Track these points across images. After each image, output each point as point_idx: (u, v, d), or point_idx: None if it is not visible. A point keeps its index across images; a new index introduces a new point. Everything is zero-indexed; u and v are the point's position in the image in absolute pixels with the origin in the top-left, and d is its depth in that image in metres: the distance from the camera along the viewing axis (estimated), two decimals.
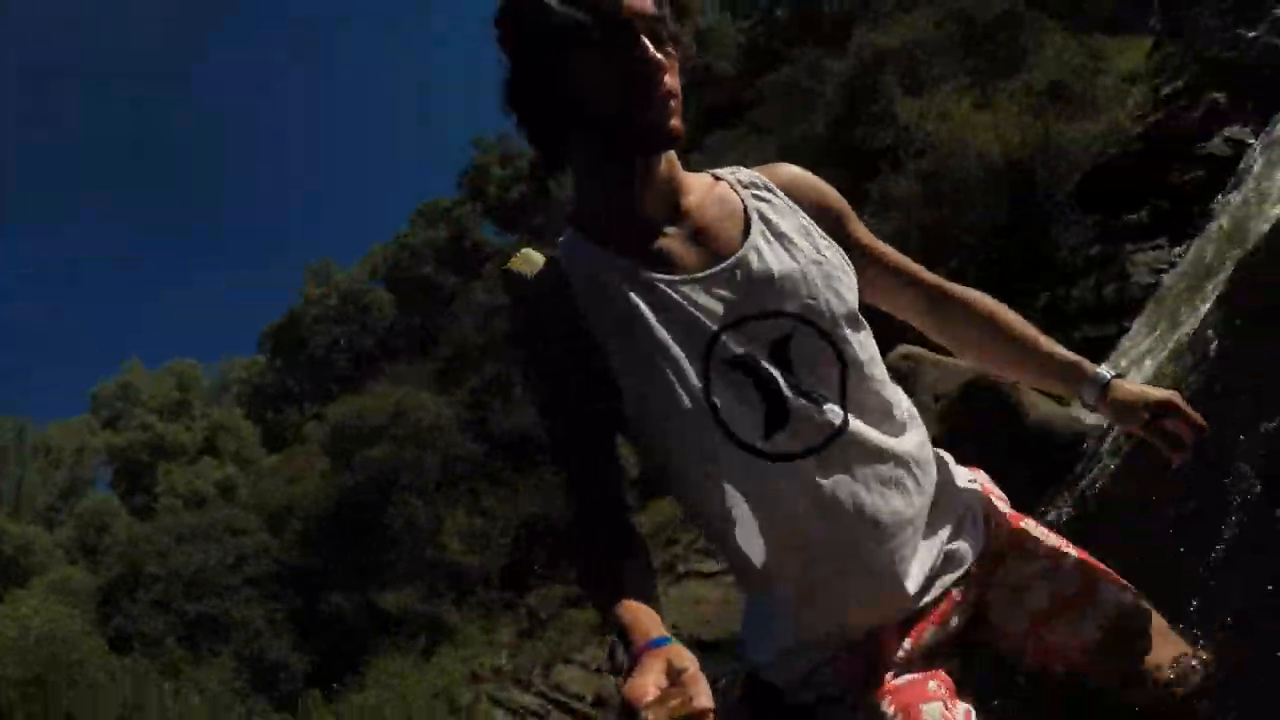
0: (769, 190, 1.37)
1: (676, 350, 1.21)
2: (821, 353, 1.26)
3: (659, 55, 1.18)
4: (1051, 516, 3.49)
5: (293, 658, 14.49)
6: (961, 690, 1.30)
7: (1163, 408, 1.33)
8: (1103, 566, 1.41)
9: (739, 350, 1.21)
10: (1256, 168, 8.04)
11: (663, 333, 1.21)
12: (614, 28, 1.16)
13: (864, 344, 1.31)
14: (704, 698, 0.84)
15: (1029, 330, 1.48)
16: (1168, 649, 1.36)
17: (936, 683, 1.28)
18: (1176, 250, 9.23)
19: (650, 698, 0.84)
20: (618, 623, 0.99)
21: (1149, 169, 9.74)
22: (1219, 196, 8.93)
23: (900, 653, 1.28)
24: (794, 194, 1.39)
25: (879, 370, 1.32)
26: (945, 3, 14.03)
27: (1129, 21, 11.24)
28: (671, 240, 1.26)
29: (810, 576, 1.25)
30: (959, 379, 4.49)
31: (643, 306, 1.21)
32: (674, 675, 0.86)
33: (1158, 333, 7.67)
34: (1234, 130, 9.40)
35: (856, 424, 1.24)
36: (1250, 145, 8.69)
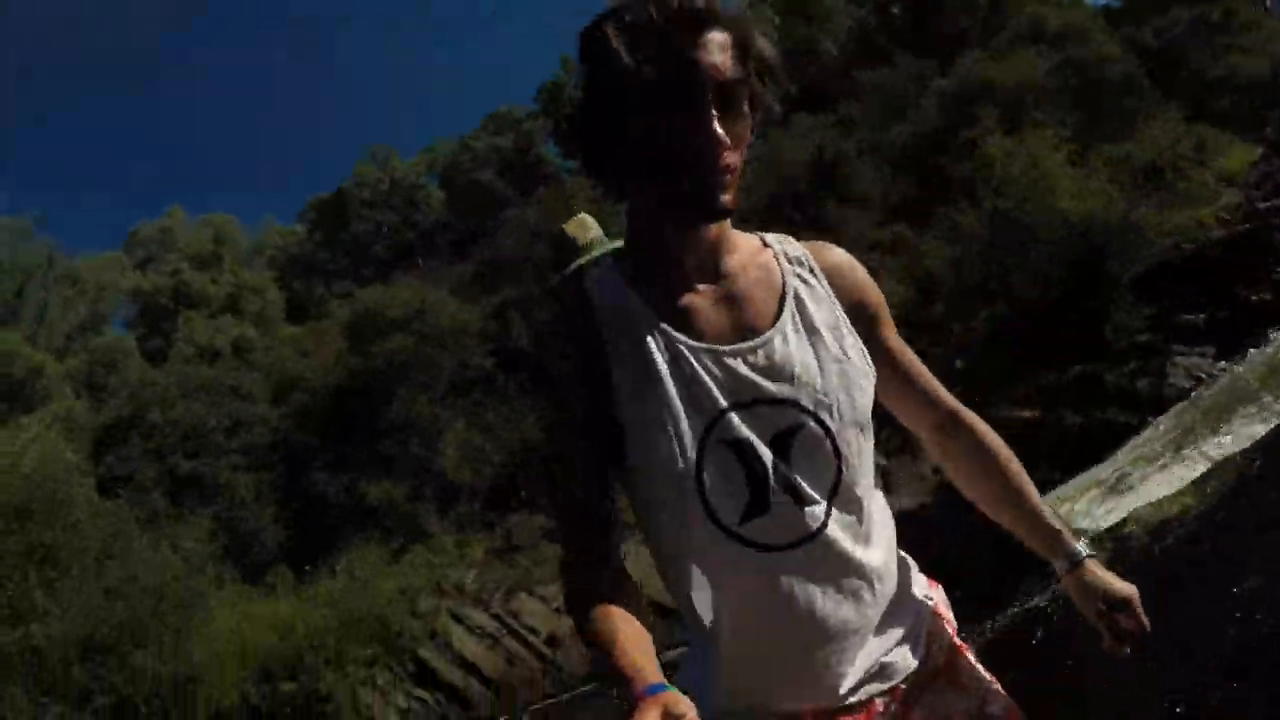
0: (813, 274, 1.35)
1: (682, 416, 1.21)
2: (822, 452, 1.25)
3: (724, 129, 1.14)
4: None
5: (270, 531, 14.62)
6: None
7: (1120, 604, 1.37)
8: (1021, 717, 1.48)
9: (739, 434, 1.22)
10: None
11: (674, 396, 1.21)
12: (682, 93, 1.13)
13: (864, 450, 1.31)
14: None
15: (1024, 482, 1.49)
16: None
17: None
18: (1221, 365, 9.29)
19: None
20: (616, 668, 1.01)
21: (1221, 275, 9.72)
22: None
23: None
24: (836, 282, 1.37)
25: (868, 477, 1.33)
26: (1065, 49, 13.80)
27: (1242, 121, 11.07)
28: (704, 300, 1.25)
29: (747, 654, 1.27)
30: None
31: (661, 365, 1.21)
32: None
33: (1170, 437, 7.75)
34: None
35: (832, 530, 1.25)
36: None
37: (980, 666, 1.49)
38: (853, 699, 1.31)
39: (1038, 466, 8.35)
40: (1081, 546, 1.44)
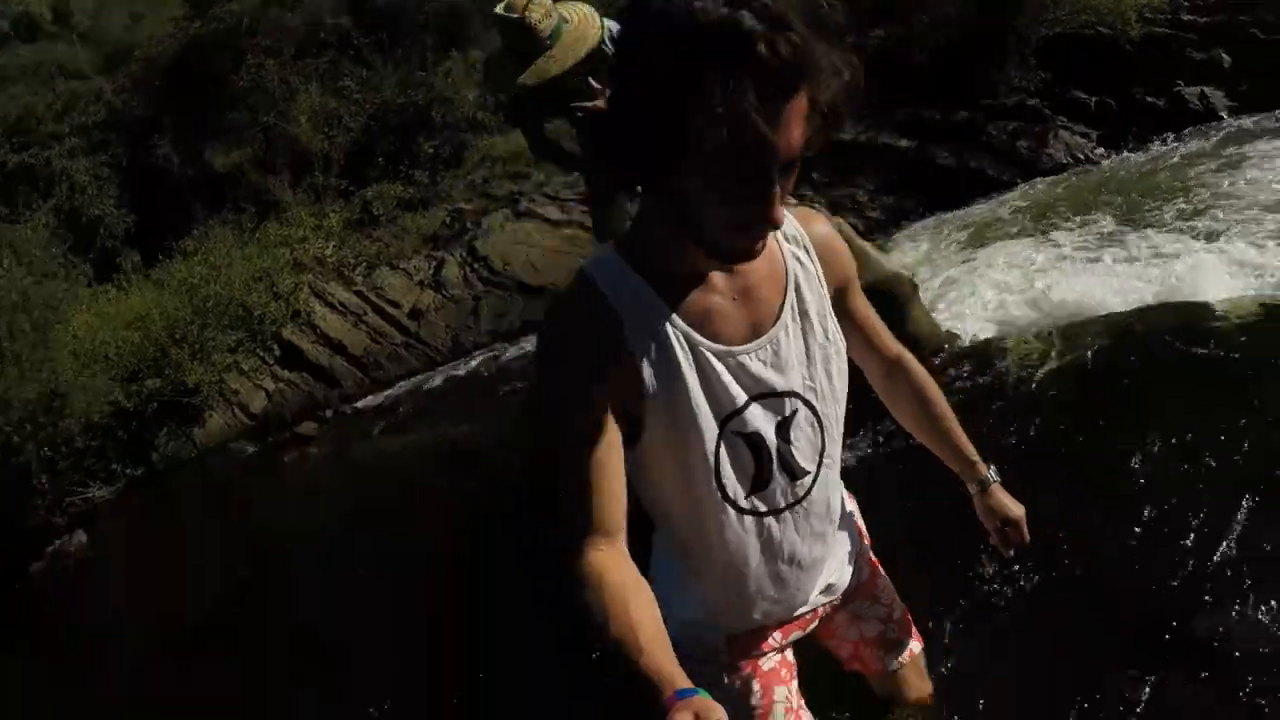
0: (807, 253, 1.45)
1: (704, 413, 1.33)
2: (812, 429, 1.45)
3: (781, 207, 1.13)
4: None
5: (114, 217, 14.14)
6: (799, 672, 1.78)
7: (1013, 522, 1.76)
8: (913, 627, 1.97)
9: (751, 427, 1.37)
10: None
11: (698, 396, 1.32)
12: (751, 170, 1.08)
13: (840, 417, 1.52)
14: None
15: (951, 421, 1.78)
16: (922, 686, 2.02)
17: (788, 670, 1.71)
18: (1100, 151, 9.36)
19: None
20: (640, 672, 1.03)
21: (1124, 68, 9.59)
22: (1169, 136, 8.96)
23: (771, 642, 1.67)
24: (825, 259, 1.47)
25: (840, 435, 1.54)
26: None
27: None
28: (721, 300, 1.33)
29: (735, 591, 1.53)
30: (874, 276, 4.79)
31: (684, 364, 1.30)
32: None
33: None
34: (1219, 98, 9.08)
35: (816, 491, 1.50)
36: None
37: (886, 577, 1.94)
38: (804, 610, 1.68)
39: (907, 195, 8.66)
40: (990, 474, 1.78)
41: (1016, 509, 1.76)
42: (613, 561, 1.19)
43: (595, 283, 1.29)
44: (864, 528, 1.89)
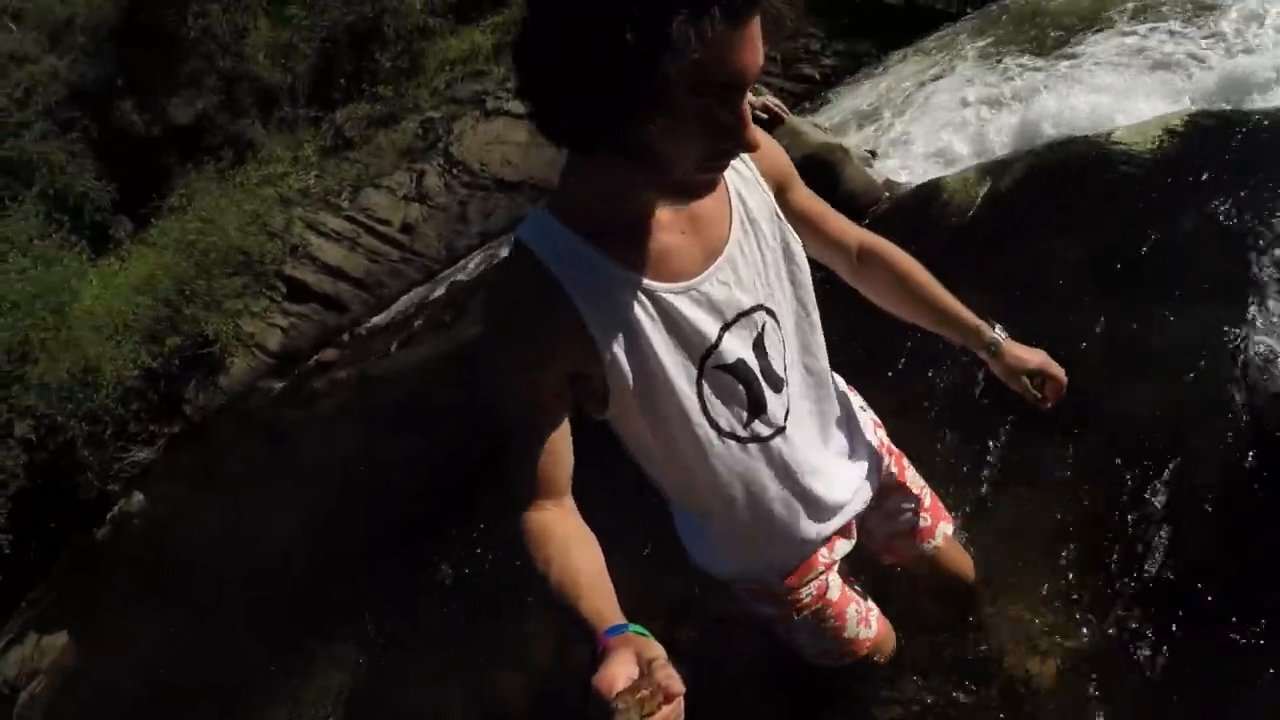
0: (743, 161, 1.37)
1: (676, 359, 1.27)
2: (776, 335, 1.39)
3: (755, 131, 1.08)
4: None
5: (97, 188, 14.23)
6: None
7: (1039, 373, 1.66)
8: (943, 508, 1.93)
9: (731, 357, 1.32)
10: None
11: (664, 346, 1.26)
12: (722, 95, 1.02)
13: (804, 319, 1.46)
14: (675, 684, 0.86)
15: (938, 290, 1.67)
16: (962, 560, 2.06)
17: (847, 585, 1.74)
18: None
19: (620, 687, 0.85)
20: (579, 615, 1.01)
21: None
22: None
23: (821, 559, 1.64)
24: (762, 165, 1.40)
25: (815, 337, 1.50)
26: None
27: None
28: (670, 237, 1.25)
29: (767, 526, 1.50)
30: (804, 149, 5.01)
31: (646, 320, 1.23)
32: (643, 664, 0.88)
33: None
34: None
35: (794, 400, 1.44)
36: None
37: (914, 472, 1.88)
38: (844, 519, 1.63)
39: (860, 38, 8.56)
40: (998, 334, 1.66)
41: (1038, 356, 1.67)
42: (557, 517, 1.19)
43: (532, 251, 1.21)
44: (878, 420, 1.81)
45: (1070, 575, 2.46)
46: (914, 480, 1.86)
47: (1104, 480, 2.73)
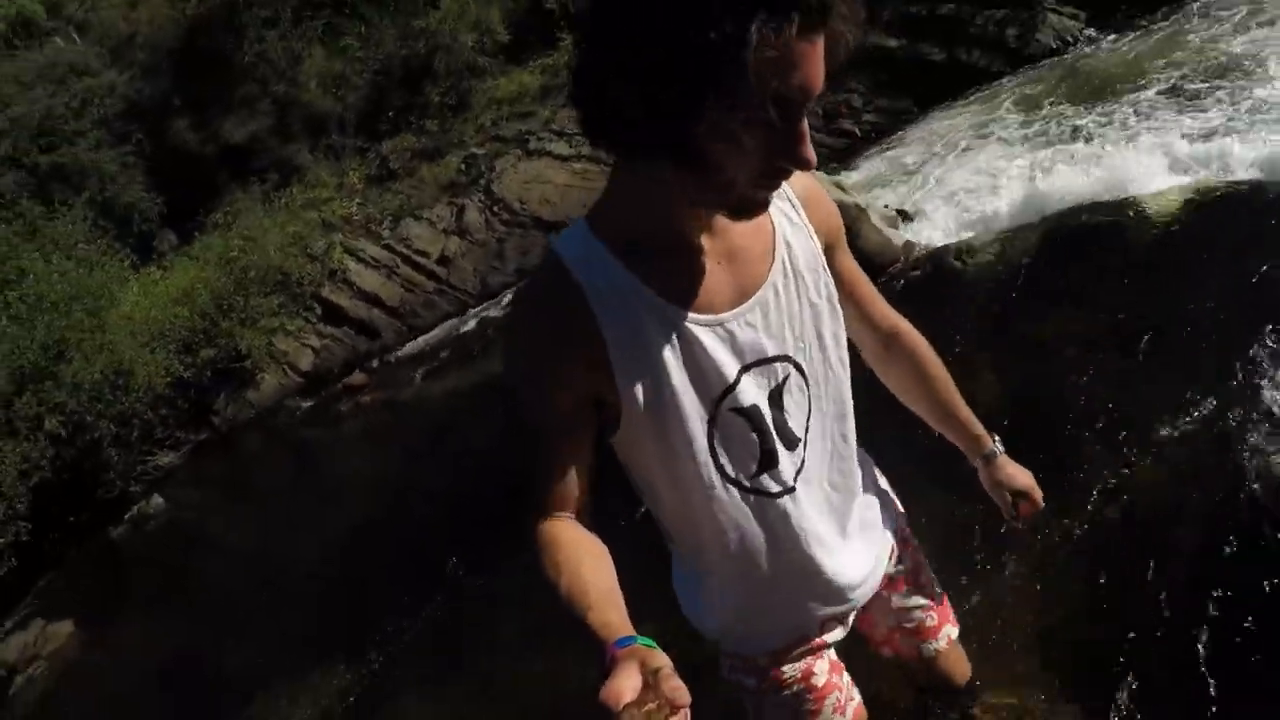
0: (792, 205, 1.33)
1: (692, 392, 1.22)
2: (801, 393, 1.33)
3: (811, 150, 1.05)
4: None
5: (145, 200, 14.52)
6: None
7: (1022, 494, 1.65)
8: (951, 610, 1.81)
9: (748, 402, 1.26)
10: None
11: (682, 375, 1.21)
12: (782, 113, 1.00)
13: (833, 378, 1.39)
14: (682, 695, 0.84)
15: (953, 392, 1.65)
16: (963, 667, 1.89)
17: (836, 673, 1.60)
18: (1090, 33, 9.23)
19: (627, 699, 0.83)
20: (588, 627, 0.99)
21: None
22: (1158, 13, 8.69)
23: (813, 641, 1.56)
24: (812, 213, 1.36)
25: (840, 404, 1.42)
26: None
27: None
28: (706, 265, 1.22)
29: (760, 589, 1.42)
30: None
31: (667, 347, 1.19)
32: (649, 675, 0.85)
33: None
34: None
35: (809, 461, 1.37)
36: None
37: (925, 561, 1.77)
38: (848, 606, 1.54)
39: (901, 94, 8.70)
40: (996, 446, 1.66)
41: (1025, 477, 1.66)
42: (570, 528, 1.17)
43: (563, 262, 1.18)
44: (900, 507, 1.72)
45: (1058, 668, 2.40)
46: (928, 577, 1.77)
47: (1093, 569, 2.68)
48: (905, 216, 6.54)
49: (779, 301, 1.27)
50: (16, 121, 15.08)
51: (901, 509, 1.72)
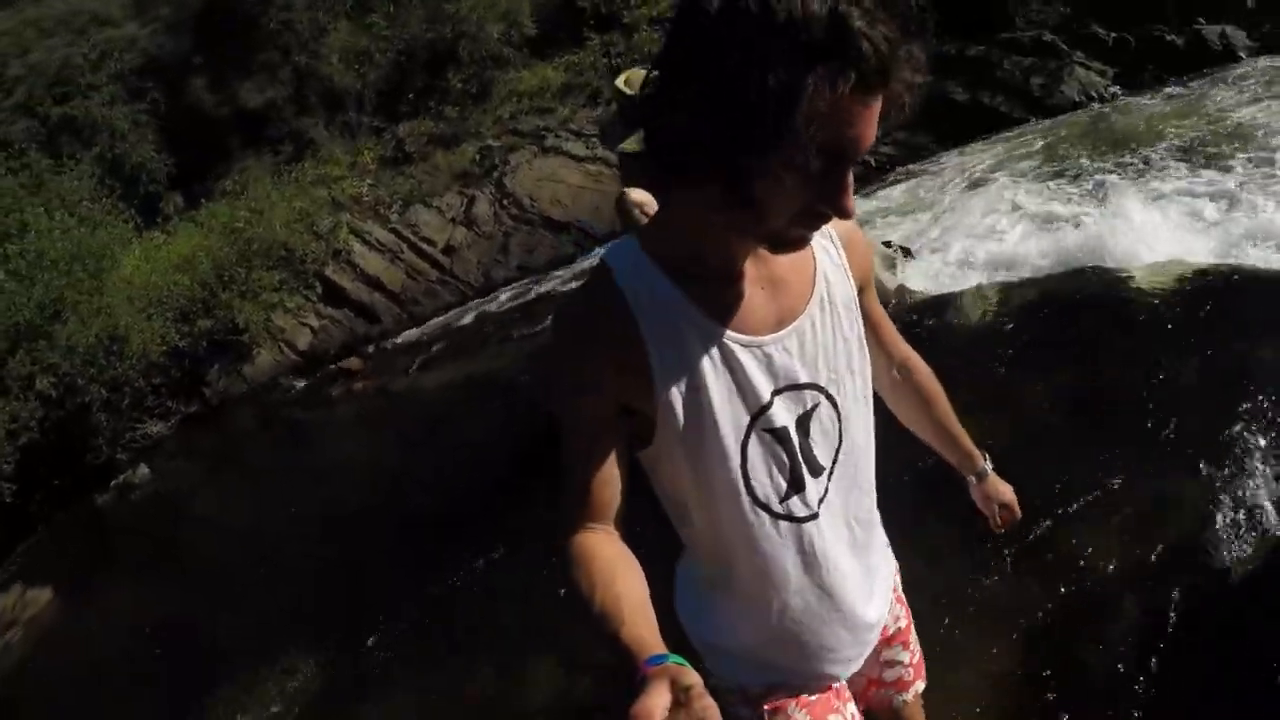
0: (834, 244, 1.38)
1: (728, 411, 1.25)
2: (831, 423, 1.37)
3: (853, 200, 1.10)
4: None
5: (155, 160, 14.40)
6: None
7: (1006, 507, 1.82)
8: (923, 666, 1.84)
9: (779, 423, 1.29)
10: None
11: (721, 394, 1.24)
12: (830, 164, 1.04)
13: (860, 415, 1.42)
14: (713, 713, 0.85)
15: (953, 417, 1.78)
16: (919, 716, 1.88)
17: (839, 699, 1.57)
18: (1115, 90, 9.35)
19: (658, 717, 0.83)
20: (620, 642, 0.99)
21: (1143, 5, 9.45)
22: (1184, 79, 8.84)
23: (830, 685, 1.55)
24: (851, 254, 1.41)
25: (865, 439, 1.45)
26: None
27: None
28: (748, 290, 1.26)
29: (780, 618, 1.41)
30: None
31: (708, 361, 1.22)
32: (680, 694, 0.86)
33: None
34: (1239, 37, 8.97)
35: (833, 493, 1.39)
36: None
37: (912, 622, 1.80)
38: (862, 657, 1.56)
39: (920, 130, 8.77)
40: (987, 465, 1.81)
41: (1010, 492, 1.83)
42: (603, 540, 1.18)
43: (614, 275, 1.22)
44: (895, 562, 1.74)
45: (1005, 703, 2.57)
46: (913, 634, 1.82)
47: (1046, 619, 2.84)
48: (906, 253, 6.55)
49: (815, 333, 1.31)
50: (33, 69, 15.04)
51: (895, 565, 1.74)
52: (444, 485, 6.20)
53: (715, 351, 1.23)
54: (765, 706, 1.48)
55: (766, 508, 1.32)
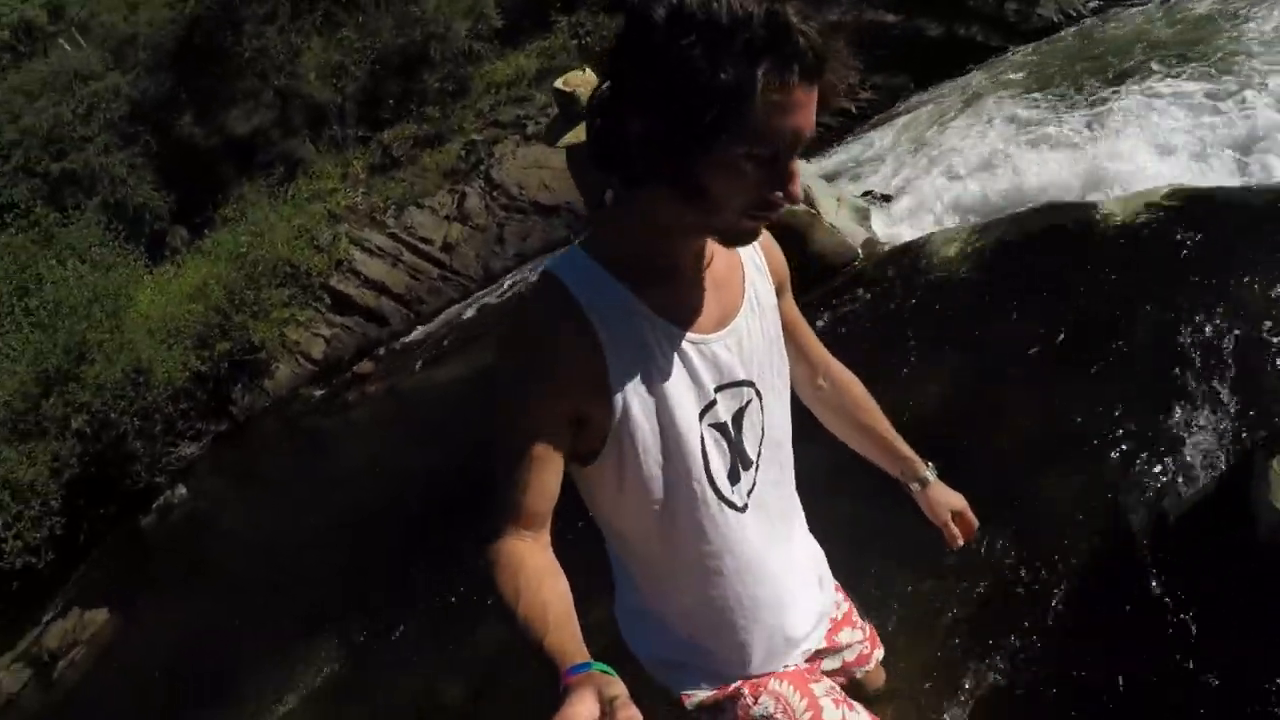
0: (756, 250, 1.43)
1: (684, 406, 1.27)
2: (757, 418, 1.40)
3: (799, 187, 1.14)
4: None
5: (155, 199, 14.87)
6: None
7: (956, 513, 1.74)
8: (878, 637, 1.88)
9: (722, 418, 1.33)
10: None
11: (678, 388, 1.26)
12: (771, 154, 1.09)
13: (782, 412, 1.47)
14: None
15: (883, 422, 1.75)
16: (879, 678, 1.92)
17: (811, 673, 1.58)
18: (1093, 5, 9.09)
19: None
20: (543, 651, 0.99)
21: None
22: None
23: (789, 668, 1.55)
24: (770, 258, 1.47)
25: (785, 434, 1.49)
26: None
27: None
28: (694, 290, 1.30)
29: (732, 614, 1.45)
30: None
31: (664, 360, 1.25)
32: (605, 703, 0.85)
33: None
34: None
35: (760, 484, 1.42)
36: None
37: (849, 600, 1.81)
38: (808, 640, 1.58)
39: (899, 71, 9.03)
40: (929, 472, 1.74)
41: (958, 500, 1.76)
42: (533, 549, 1.17)
43: (564, 284, 1.22)
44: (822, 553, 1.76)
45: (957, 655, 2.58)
46: (855, 614, 1.83)
47: (1004, 567, 2.81)
48: (885, 199, 6.62)
49: (749, 331, 1.36)
50: (26, 131, 15.45)
51: (821, 551, 1.77)
52: (457, 478, 6.32)
53: (670, 350, 1.25)
54: (745, 688, 1.49)
55: (723, 498, 1.36)
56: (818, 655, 1.65)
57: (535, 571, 1.12)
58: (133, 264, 12.79)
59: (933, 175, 6.74)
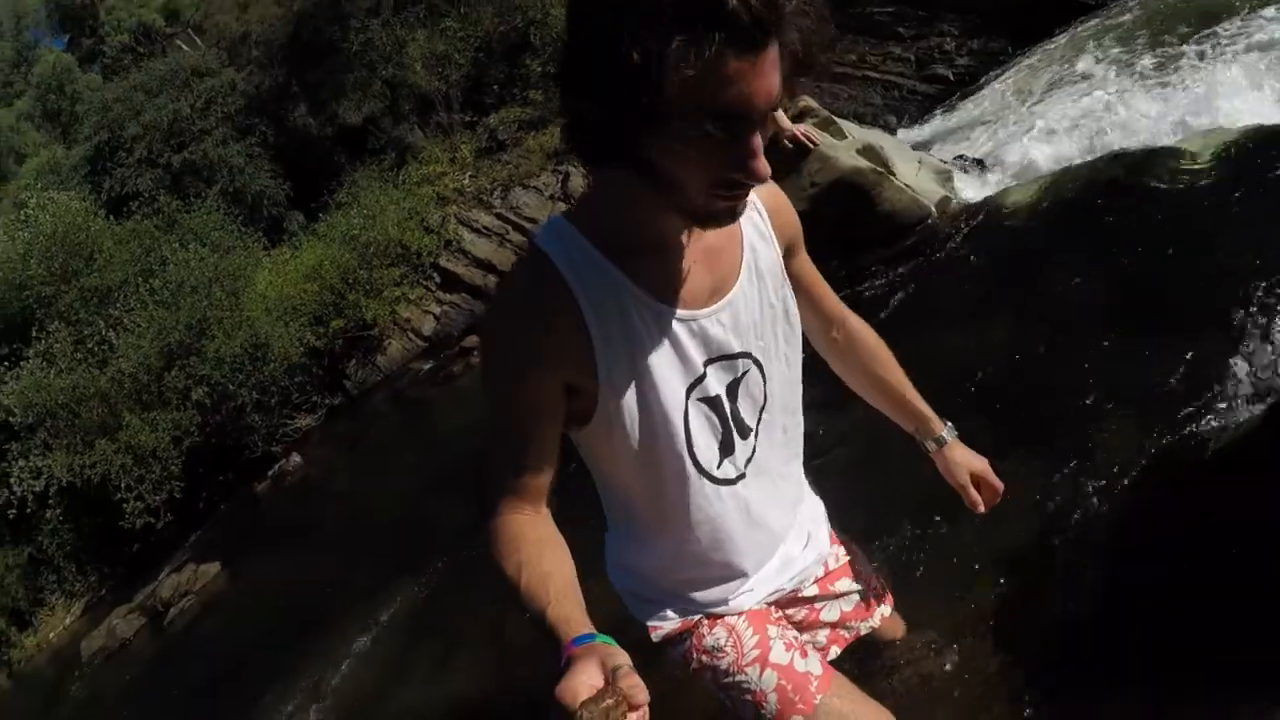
0: (760, 214, 1.37)
1: (669, 381, 1.25)
2: (757, 388, 1.37)
3: (764, 159, 1.04)
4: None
5: (273, 186, 15.31)
6: None
7: (978, 476, 1.65)
8: (885, 585, 1.83)
9: (713, 392, 1.30)
10: None
11: (661, 364, 1.23)
12: (731, 125, 0.99)
13: (786, 378, 1.44)
14: (639, 693, 0.84)
15: (900, 377, 1.67)
16: (897, 629, 1.91)
17: (776, 614, 1.58)
18: None
19: (584, 696, 0.82)
20: (547, 621, 0.99)
21: None
22: None
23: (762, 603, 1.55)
24: (776, 222, 1.40)
25: (793, 400, 1.47)
26: None
27: None
28: (683, 263, 1.24)
29: (719, 567, 1.46)
30: (834, 174, 4.99)
31: (648, 337, 1.22)
32: (608, 673, 0.85)
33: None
34: None
35: (760, 450, 1.41)
36: None
37: (856, 549, 1.79)
38: (786, 586, 1.58)
39: (994, 35, 8.66)
40: (946, 432, 1.67)
41: (979, 462, 1.67)
42: (533, 522, 1.18)
43: (549, 256, 1.18)
44: (825, 513, 1.74)
45: (988, 612, 2.39)
46: (861, 562, 1.79)
47: (1044, 538, 2.59)
48: (979, 164, 6.35)
49: (746, 302, 1.31)
50: (148, 126, 16.03)
51: (824, 512, 1.74)
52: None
53: (654, 325, 1.22)
54: (704, 621, 1.50)
55: (708, 474, 1.34)
56: (807, 602, 1.67)
57: (536, 543, 1.13)
58: (251, 247, 13.21)
59: (1028, 138, 6.40)
